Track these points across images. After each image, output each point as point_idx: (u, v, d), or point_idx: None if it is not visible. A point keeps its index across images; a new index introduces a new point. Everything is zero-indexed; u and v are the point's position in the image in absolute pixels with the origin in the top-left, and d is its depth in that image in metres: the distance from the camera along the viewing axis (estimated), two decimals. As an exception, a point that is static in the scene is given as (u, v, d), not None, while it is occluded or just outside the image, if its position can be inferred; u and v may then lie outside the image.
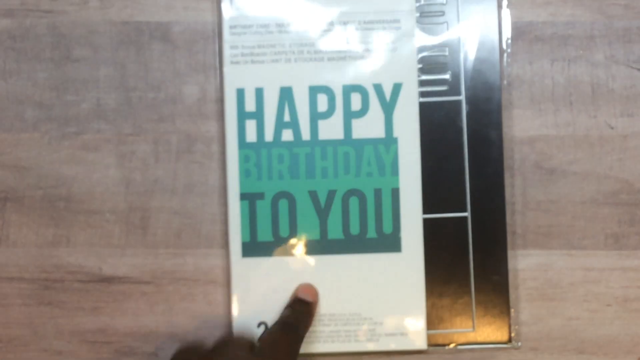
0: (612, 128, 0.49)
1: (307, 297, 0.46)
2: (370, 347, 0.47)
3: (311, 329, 0.47)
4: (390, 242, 0.47)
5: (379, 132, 0.47)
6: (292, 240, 0.47)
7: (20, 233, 0.49)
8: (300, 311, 0.46)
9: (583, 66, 0.48)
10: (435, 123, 0.47)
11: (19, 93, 0.48)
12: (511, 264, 0.49)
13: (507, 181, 0.49)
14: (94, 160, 0.49)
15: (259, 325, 0.47)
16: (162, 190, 0.49)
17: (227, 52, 0.47)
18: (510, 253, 0.49)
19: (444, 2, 0.47)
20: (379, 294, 0.47)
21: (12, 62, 0.48)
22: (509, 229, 0.49)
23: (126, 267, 0.49)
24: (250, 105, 0.47)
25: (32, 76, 0.48)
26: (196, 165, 0.49)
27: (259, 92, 0.46)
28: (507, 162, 0.49)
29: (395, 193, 0.47)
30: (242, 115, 0.47)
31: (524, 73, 0.48)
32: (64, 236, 0.49)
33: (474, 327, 0.48)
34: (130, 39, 0.48)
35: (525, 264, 0.49)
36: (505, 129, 0.48)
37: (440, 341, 0.48)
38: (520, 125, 0.49)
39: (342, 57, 0.47)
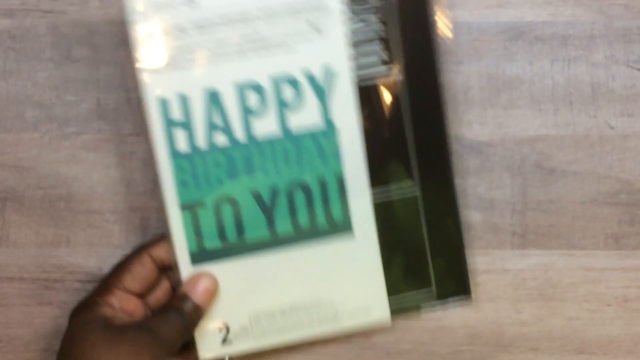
0: (612, 128, 0.49)
1: (193, 296, 0.44)
2: (335, 326, 0.46)
3: (273, 320, 0.46)
4: (342, 230, 0.46)
5: (317, 122, 0.45)
6: (241, 243, 0.45)
7: (20, 233, 0.49)
8: (180, 312, 0.43)
9: (583, 66, 0.48)
10: (374, 105, 0.45)
11: (19, 93, 0.48)
12: (511, 263, 0.49)
13: (507, 181, 0.49)
14: (94, 160, 0.49)
15: (220, 330, 0.46)
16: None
17: (143, 60, 0.44)
18: (510, 253, 0.49)
19: None
20: (337, 278, 0.46)
21: (12, 62, 0.48)
22: (509, 228, 0.49)
23: (126, 267, 0.49)
24: (176, 114, 0.44)
25: (32, 76, 0.48)
26: (196, 165, 0.49)
27: (183, 99, 0.44)
28: (507, 162, 0.49)
29: (340, 181, 0.45)
30: (169, 125, 0.44)
31: (524, 73, 0.48)
32: (64, 236, 0.49)
33: (433, 285, 0.47)
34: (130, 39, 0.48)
35: (525, 264, 0.49)
36: (505, 129, 0.48)
37: (402, 306, 0.47)
38: (520, 125, 0.49)
39: (265, 46, 0.44)
